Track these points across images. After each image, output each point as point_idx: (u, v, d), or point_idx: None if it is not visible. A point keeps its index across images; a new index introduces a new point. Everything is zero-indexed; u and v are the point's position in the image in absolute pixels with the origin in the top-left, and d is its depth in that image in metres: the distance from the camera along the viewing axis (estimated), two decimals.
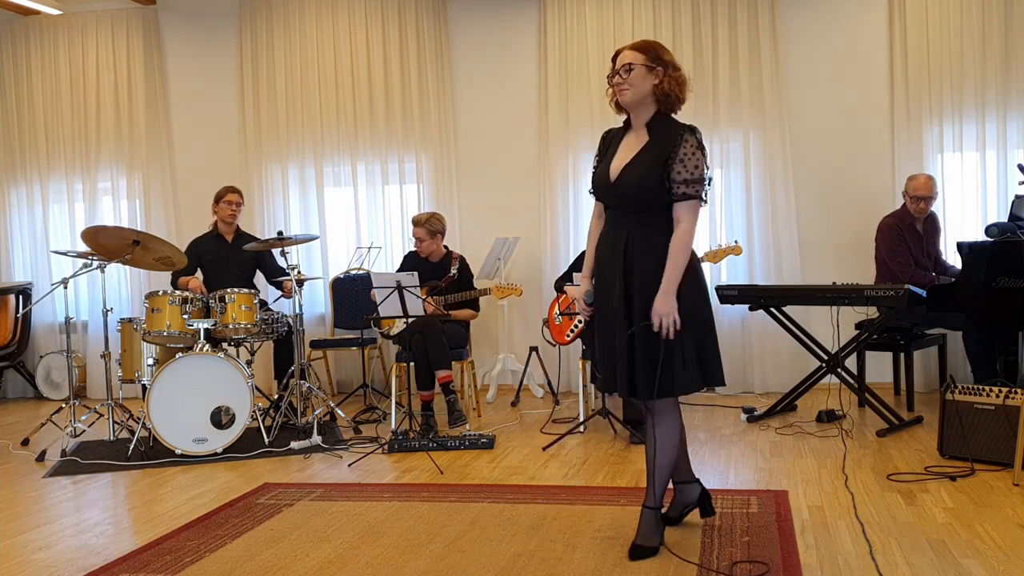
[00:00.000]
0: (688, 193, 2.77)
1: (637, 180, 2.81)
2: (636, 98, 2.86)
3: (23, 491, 4.14)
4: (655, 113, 2.88)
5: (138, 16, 6.99)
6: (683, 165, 2.76)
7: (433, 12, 6.53)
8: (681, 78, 2.86)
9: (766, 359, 6.07)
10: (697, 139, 2.80)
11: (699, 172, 2.78)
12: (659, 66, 2.83)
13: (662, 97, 2.84)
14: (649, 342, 2.79)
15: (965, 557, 2.79)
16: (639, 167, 2.82)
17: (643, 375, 2.81)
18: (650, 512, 2.94)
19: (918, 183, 5.20)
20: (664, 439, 2.90)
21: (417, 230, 5.35)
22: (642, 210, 2.84)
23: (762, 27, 5.98)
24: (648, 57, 2.84)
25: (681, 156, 2.77)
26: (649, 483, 2.95)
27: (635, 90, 2.84)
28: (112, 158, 7.04)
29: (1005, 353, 4.58)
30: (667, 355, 2.78)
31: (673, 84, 2.84)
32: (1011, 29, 5.67)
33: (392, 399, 5.29)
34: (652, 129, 2.87)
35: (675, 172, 2.77)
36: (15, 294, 6.95)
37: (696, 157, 2.78)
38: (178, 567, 2.97)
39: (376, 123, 6.62)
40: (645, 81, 2.84)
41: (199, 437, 4.58)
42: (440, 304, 5.20)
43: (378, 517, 3.45)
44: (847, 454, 4.20)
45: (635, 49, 2.87)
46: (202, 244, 5.68)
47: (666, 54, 2.87)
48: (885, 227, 5.29)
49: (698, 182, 2.78)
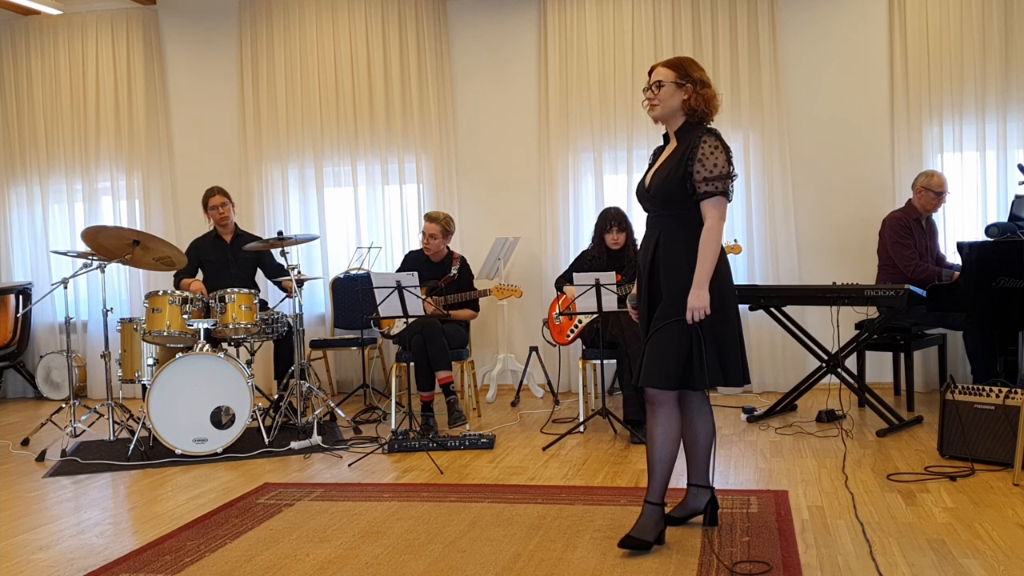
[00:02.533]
0: (709, 191, 2.88)
1: (661, 183, 2.96)
2: (665, 113, 3.01)
3: (23, 491, 4.14)
4: (683, 122, 3.00)
5: (138, 16, 6.99)
6: (702, 164, 2.88)
7: (433, 12, 6.53)
8: (709, 94, 2.99)
9: (766, 359, 6.07)
10: (717, 139, 2.91)
11: (719, 169, 2.88)
12: (688, 83, 2.97)
13: (690, 112, 2.98)
14: (667, 334, 2.88)
15: (965, 557, 2.79)
16: (664, 171, 2.98)
17: (656, 363, 2.89)
18: (650, 507, 2.97)
19: (940, 179, 5.21)
20: (662, 434, 2.95)
21: (432, 226, 5.34)
22: (671, 213, 2.97)
23: (762, 27, 5.98)
24: (678, 74, 2.98)
25: (700, 156, 2.88)
26: (650, 478, 2.98)
27: (664, 106, 2.99)
28: (112, 158, 7.04)
29: (1005, 353, 4.58)
30: (686, 349, 2.86)
31: (701, 100, 2.97)
32: (1011, 29, 5.67)
33: (392, 399, 5.29)
34: (679, 136, 3.01)
35: (695, 172, 2.88)
36: (15, 294, 6.95)
37: (715, 155, 2.88)
38: (178, 567, 2.97)
39: (376, 123, 6.62)
40: (674, 97, 2.98)
41: (199, 437, 4.58)
42: (440, 304, 5.20)
43: (378, 517, 3.45)
44: (847, 454, 4.20)
45: (666, 66, 3.02)
46: (202, 245, 5.68)
47: (696, 71, 3.00)
48: (893, 220, 5.27)
49: (719, 179, 2.88)
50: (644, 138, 6.18)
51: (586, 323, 5.11)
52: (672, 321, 2.88)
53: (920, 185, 5.25)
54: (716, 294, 2.89)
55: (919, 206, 5.25)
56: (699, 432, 3.08)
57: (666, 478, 2.98)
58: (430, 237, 5.35)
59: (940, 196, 5.22)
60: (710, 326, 2.88)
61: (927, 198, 5.22)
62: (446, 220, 5.39)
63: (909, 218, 5.25)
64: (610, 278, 4.42)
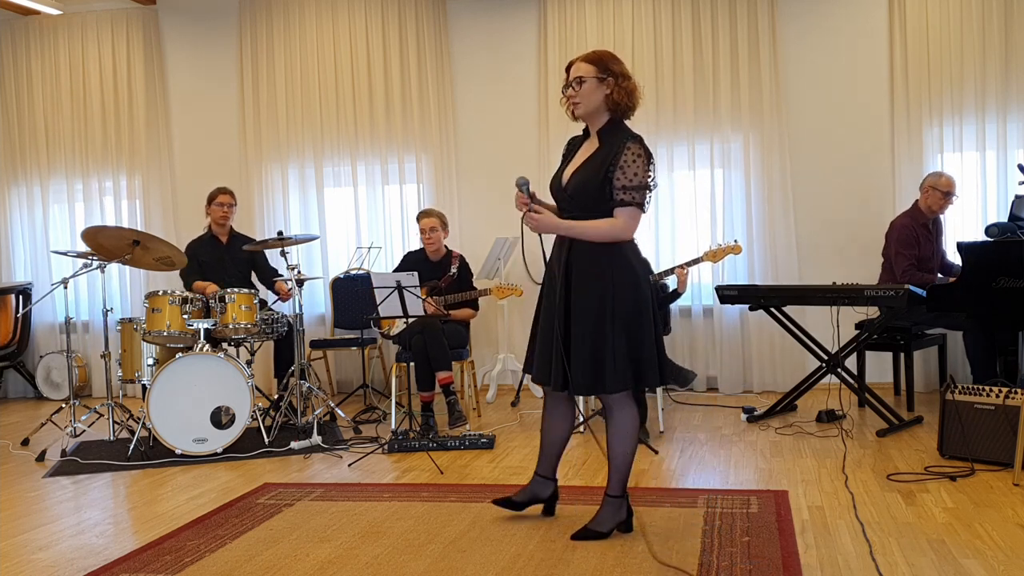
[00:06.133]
0: (626, 200, 2.90)
1: (581, 184, 2.96)
2: (588, 110, 3.00)
3: (23, 491, 4.14)
4: (608, 120, 3.01)
5: (138, 16, 6.99)
6: (623, 172, 2.89)
7: (433, 12, 6.53)
8: (631, 87, 2.99)
9: (766, 359, 6.07)
10: (640, 147, 2.92)
11: (639, 179, 2.90)
12: (610, 76, 2.97)
13: (613, 106, 2.98)
14: (585, 341, 2.95)
15: (965, 557, 2.79)
16: (584, 172, 2.97)
17: (578, 372, 2.96)
18: (609, 500, 3.09)
19: (949, 180, 5.20)
20: (616, 432, 3.06)
21: (431, 220, 5.38)
22: (586, 215, 2.97)
23: (762, 27, 5.98)
24: (599, 69, 2.97)
25: (622, 164, 2.90)
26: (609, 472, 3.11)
27: (586, 103, 2.99)
28: (112, 158, 7.04)
29: (1005, 353, 4.58)
30: (600, 354, 2.94)
31: (623, 94, 2.97)
32: (1011, 29, 5.67)
33: (392, 399, 5.30)
34: (602, 136, 3.01)
35: (615, 178, 2.89)
36: (15, 294, 6.95)
37: (636, 164, 2.90)
38: (178, 567, 2.97)
39: (376, 123, 6.62)
40: (596, 92, 2.97)
41: (199, 437, 4.58)
42: (440, 304, 5.20)
43: (378, 517, 3.45)
44: (847, 454, 4.20)
45: (586, 61, 3.01)
46: (199, 246, 5.67)
47: (616, 64, 3.00)
48: (900, 226, 5.24)
49: (636, 189, 2.90)
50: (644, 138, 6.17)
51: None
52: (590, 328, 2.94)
53: (928, 184, 5.23)
54: (631, 297, 2.94)
55: (925, 206, 5.24)
56: (565, 428, 3.25)
57: (626, 472, 3.09)
58: (430, 231, 5.37)
59: (948, 196, 5.20)
60: (624, 328, 2.93)
61: (934, 197, 5.20)
62: (440, 213, 5.47)
63: (916, 224, 5.22)
64: None
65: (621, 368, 2.92)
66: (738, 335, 6.12)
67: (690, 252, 5.81)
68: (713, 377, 6.22)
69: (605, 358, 2.92)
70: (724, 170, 6.12)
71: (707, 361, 6.21)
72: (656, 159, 6.14)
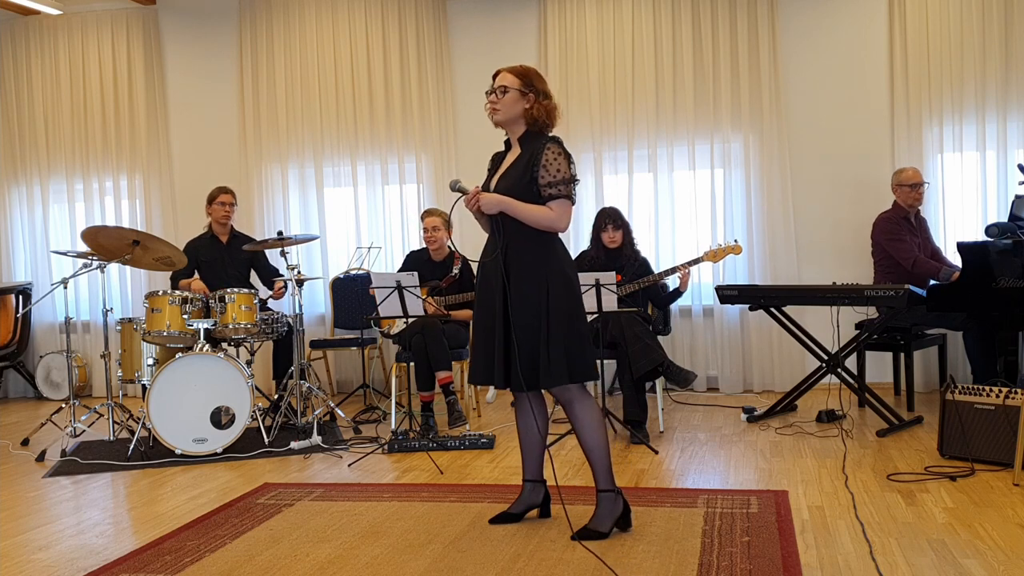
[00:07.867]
0: (555, 194, 3.02)
1: (508, 189, 3.05)
2: (506, 119, 3.11)
3: (23, 491, 4.14)
4: (525, 131, 3.11)
5: (138, 16, 7.00)
6: (546, 169, 3.01)
7: (433, 12, 6.53)
8: (551, 106, 3.12)
9: (766, 359, 6.07)
10: (560, 147, 3.05)
11: (563, 174, 3.02)
12: (532, 92, 3.07)
13: (531, 121, 3.09)
14: (526, 333, 3.01)
15: (965, 557, 2.79)
16: (510, 177, 3.08)
17: (524, 366, 3.01)
18: (602, 495, 3.11)
19: (909, 173, 5.33)
20: (581, 427, 3.10)
21: (434, 219, 5.39)
22: (518, 221, 3.05)
23: (762, 27, 5.99)
24: (523, 83, 3.08)
25: (544, 163, 3.01)
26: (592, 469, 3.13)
27: (505, 112, 3.08)
28: (112, 158, 7.04)
29: (1005, 353, 4.58)
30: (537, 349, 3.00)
31: (542, 111, 3.09)
32: (1011, 29, 5.67)
33: (392, 399, 5.29)
34: (523, 143, 3.12)
35: (540, 177, 3.00)
36: (15, 294, 6.95)
37: (558, 161, 3.02)
38: (178, 567, 2.97)
39: (376, 123, 6.62)
40: (516, 105, 3.08)
41: (199, 437, 4.58)
42: (440, 304, 5.20)
43: (378, 517, 3.45)
44: (847, 454, 4.20)
45: (512, 73, 3.10)
46: (199, 245, 5.68)
47: (540, 82, 3.11)
48: (883, 221, 5.33)
49: (563, 183, 3.02)
50: (644, 138, 6.19)
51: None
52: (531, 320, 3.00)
53: (894, 184, 5.37)
54: (565, 292, 3.03)
55: (903, 204, 5.32)
56: (538, 428, 3.24)
57: (606, 462, 3.10)
58: (433, 230, 5.37)
59: (916, 188, 5.29)
60: (560, 322, 3.00)
61: (904, 193, 5.30)
62: (443, 213, 5.48)
63: (898, 216, 5.29)
64: (610, 278, 4.42)
65: (557, 361, 2.99)
66: (738, 335, 6.13)
67: (690, 252, 5.82)
68: (713, 377, 6.22)
69: (541, 353, 3.00)
70: (724, 170, 6.12)
71: (707, 361, 6.21)
72: (656, 159, 6.26)
